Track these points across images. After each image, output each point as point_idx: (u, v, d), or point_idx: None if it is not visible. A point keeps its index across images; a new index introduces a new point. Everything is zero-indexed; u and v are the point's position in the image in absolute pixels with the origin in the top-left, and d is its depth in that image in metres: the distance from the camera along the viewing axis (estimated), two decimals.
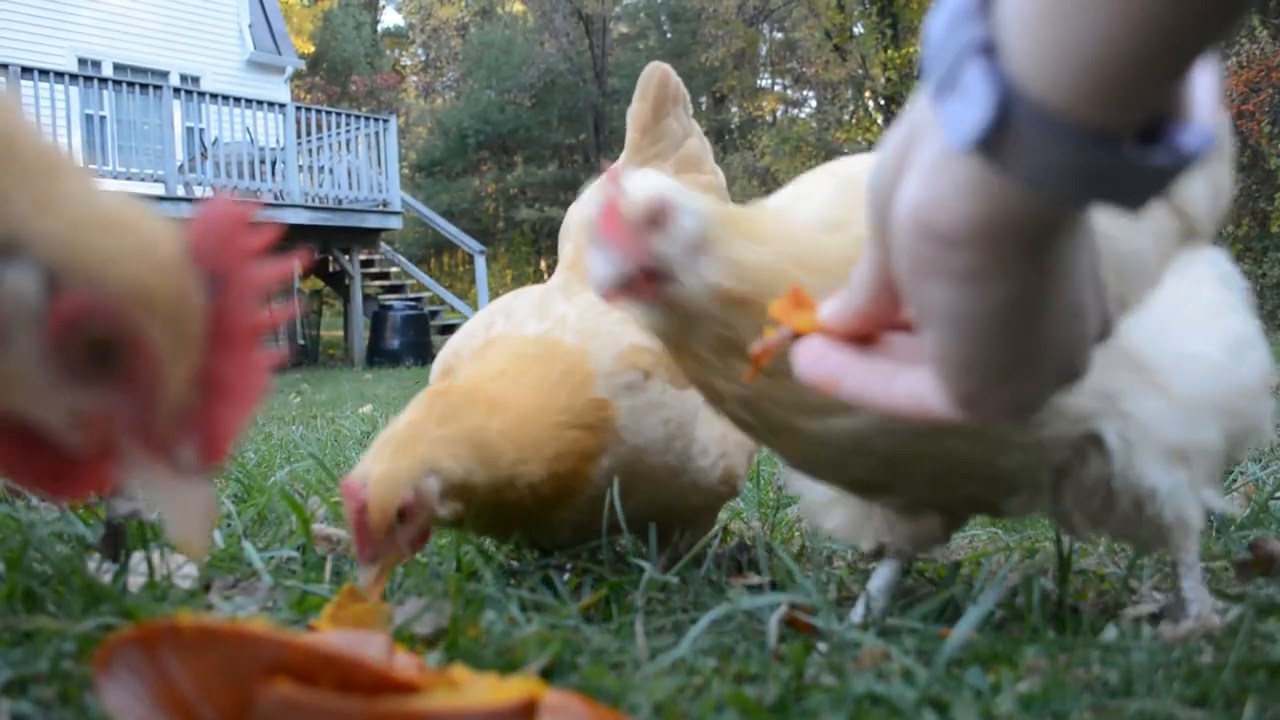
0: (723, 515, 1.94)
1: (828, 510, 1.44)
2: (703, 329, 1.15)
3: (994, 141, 0.55)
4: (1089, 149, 0.53)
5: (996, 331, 0.62)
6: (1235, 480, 2.32)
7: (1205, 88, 0.57)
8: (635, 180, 1.15)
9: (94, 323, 0.61)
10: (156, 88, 14.97)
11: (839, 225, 1.18)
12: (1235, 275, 1.35)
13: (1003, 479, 1.22)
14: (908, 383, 0.71)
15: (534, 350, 1.53)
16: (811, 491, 1.45)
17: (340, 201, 16.94)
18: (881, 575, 1.39)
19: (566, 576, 1.56)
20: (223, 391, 0.66)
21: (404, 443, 1.36)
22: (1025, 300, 0.61)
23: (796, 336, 0.81)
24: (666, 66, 1.85)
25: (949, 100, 0.57)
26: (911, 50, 25.72)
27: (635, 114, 1.83)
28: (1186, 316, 1.25)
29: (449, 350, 1.71)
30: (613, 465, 1.49)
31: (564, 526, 1.53)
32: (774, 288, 1.15)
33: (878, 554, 1.41)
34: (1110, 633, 1.18)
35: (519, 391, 1.46)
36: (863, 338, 0.77)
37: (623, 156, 1.83)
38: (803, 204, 1.24)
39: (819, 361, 0.77)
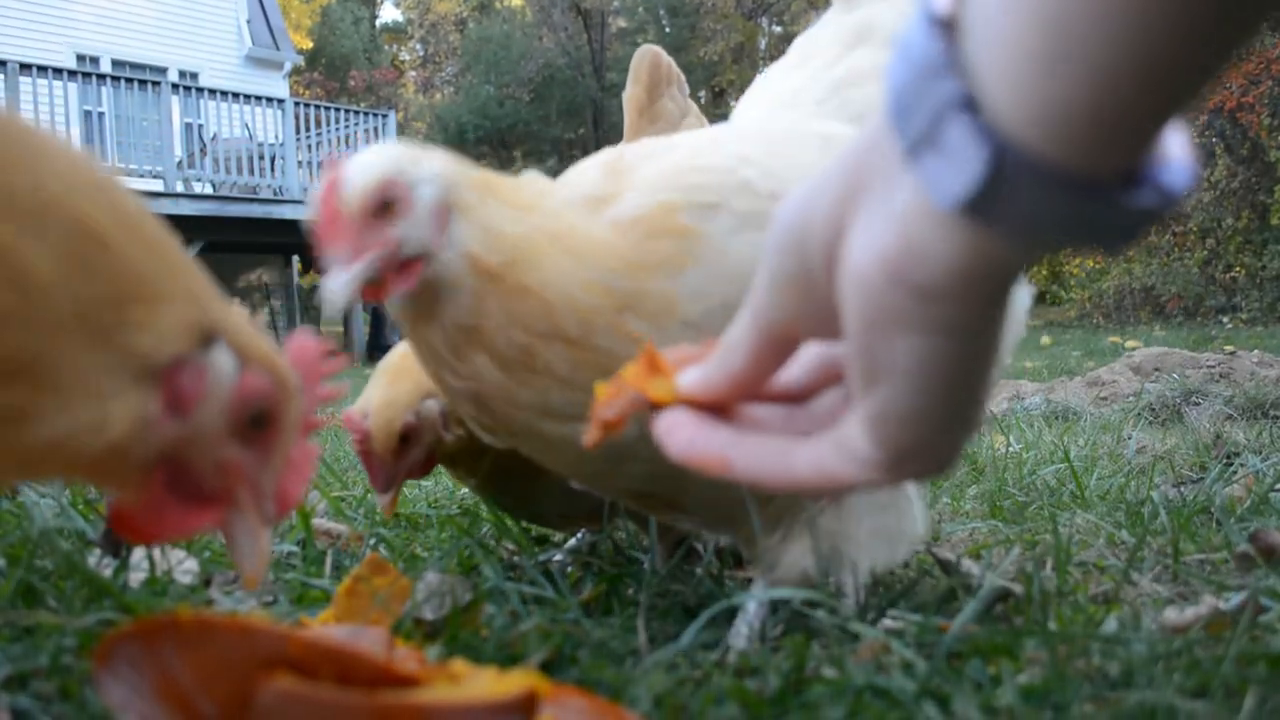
0: None
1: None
2: (444, 311, 1.02)
3: (984, 198, 0.52)
4: (1081, 197, 0.51)
5: (958, 381, 0.60)
6: (1236, 472, 2.32)
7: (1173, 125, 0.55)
8: (354, 164, 1.02)
9: (263, 399, 0.81)
10: (155, 84, 14.91)
11: (603, 199, 1.10)
12: None
13: None
14: (810, 455, 0.65)
15: None
16: None
17: None
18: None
19: (568, 570, 1.56)
20: (293, 465, 0.88)
21: (400, 370, 1.37)
22: (987, 348, 0.60)
23: (654, 406, 0.71)
24: (657, 48, 1.84)
25: (929, 158, 0.54)
26: None
27: (630, 97, 1.83)
28: None
29: None
30: None
31: (555, 489, 1.51)
32: (528, 264, 1.03)
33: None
34: (1110, 624, 1.18)
35: None
36: (719, 409, 0.69)
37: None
38: (570, 182, 1.16)
39: (696, 440, 0.68)
